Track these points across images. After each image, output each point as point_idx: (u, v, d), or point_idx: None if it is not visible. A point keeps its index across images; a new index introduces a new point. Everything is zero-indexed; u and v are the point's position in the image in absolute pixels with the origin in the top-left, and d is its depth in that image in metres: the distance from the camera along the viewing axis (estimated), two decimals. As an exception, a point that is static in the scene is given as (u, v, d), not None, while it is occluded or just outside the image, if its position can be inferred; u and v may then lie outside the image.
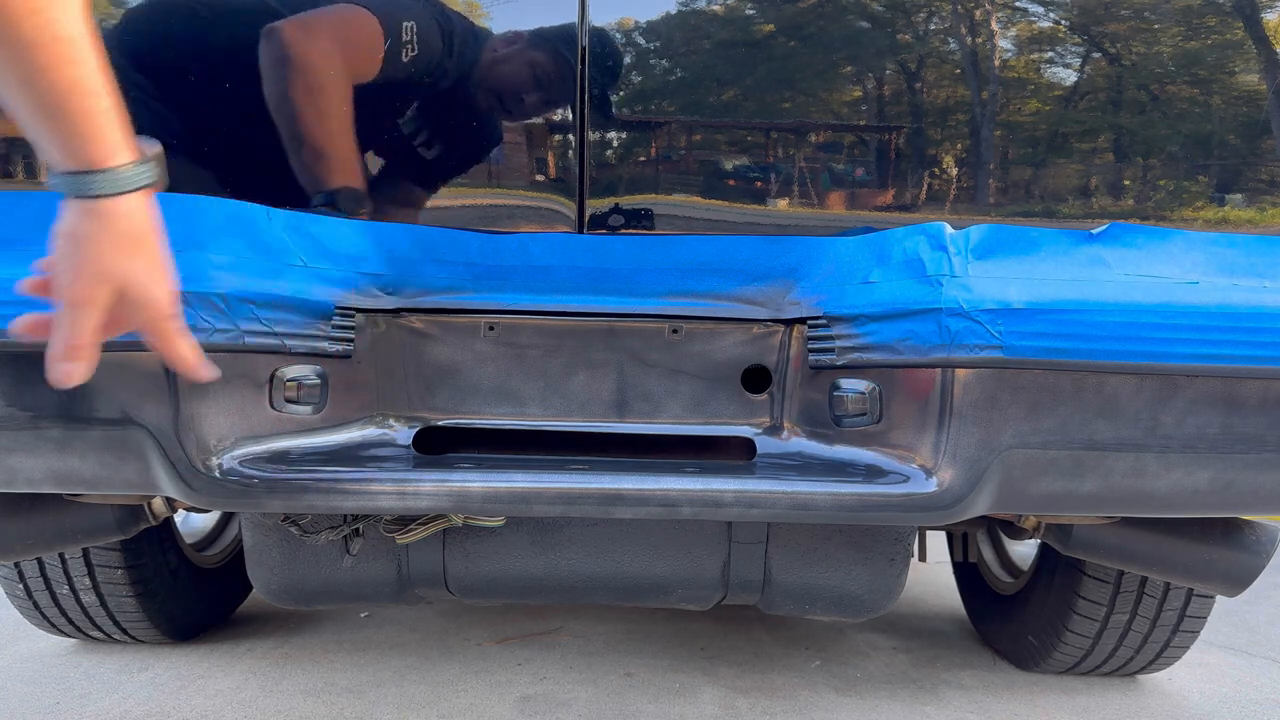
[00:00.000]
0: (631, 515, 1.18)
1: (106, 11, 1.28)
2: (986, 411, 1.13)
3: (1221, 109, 1.28)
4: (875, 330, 1.16)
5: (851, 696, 2.07)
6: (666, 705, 1.97)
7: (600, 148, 1.28)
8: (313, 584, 1.58)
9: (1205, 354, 1.10)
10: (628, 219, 1.29)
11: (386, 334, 1.26)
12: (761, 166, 1.31)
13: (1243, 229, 1.27)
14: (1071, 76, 1.30)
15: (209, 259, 1.09)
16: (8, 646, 2.31)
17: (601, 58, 1.24)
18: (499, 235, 1.27)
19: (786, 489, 1.17)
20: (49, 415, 1.11)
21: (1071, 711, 2.04)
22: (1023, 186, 1.31)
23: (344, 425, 1.23)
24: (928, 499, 1.16)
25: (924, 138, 1.30)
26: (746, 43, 1.29)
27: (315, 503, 1.15)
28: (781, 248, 1.26)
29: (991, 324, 1.09)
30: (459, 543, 1.56)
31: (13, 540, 1.52)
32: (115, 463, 1.14)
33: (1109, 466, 1.15)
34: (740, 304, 1.26)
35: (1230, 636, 2.64)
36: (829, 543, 1.56)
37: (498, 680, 2.09)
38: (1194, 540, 1.50)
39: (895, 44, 1.29)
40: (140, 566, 2.06)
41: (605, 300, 1.26)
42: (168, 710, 1.91)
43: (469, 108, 1.30)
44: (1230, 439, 1.14)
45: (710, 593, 1.62)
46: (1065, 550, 1.57)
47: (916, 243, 1.18)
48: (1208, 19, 1.30)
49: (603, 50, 1.24)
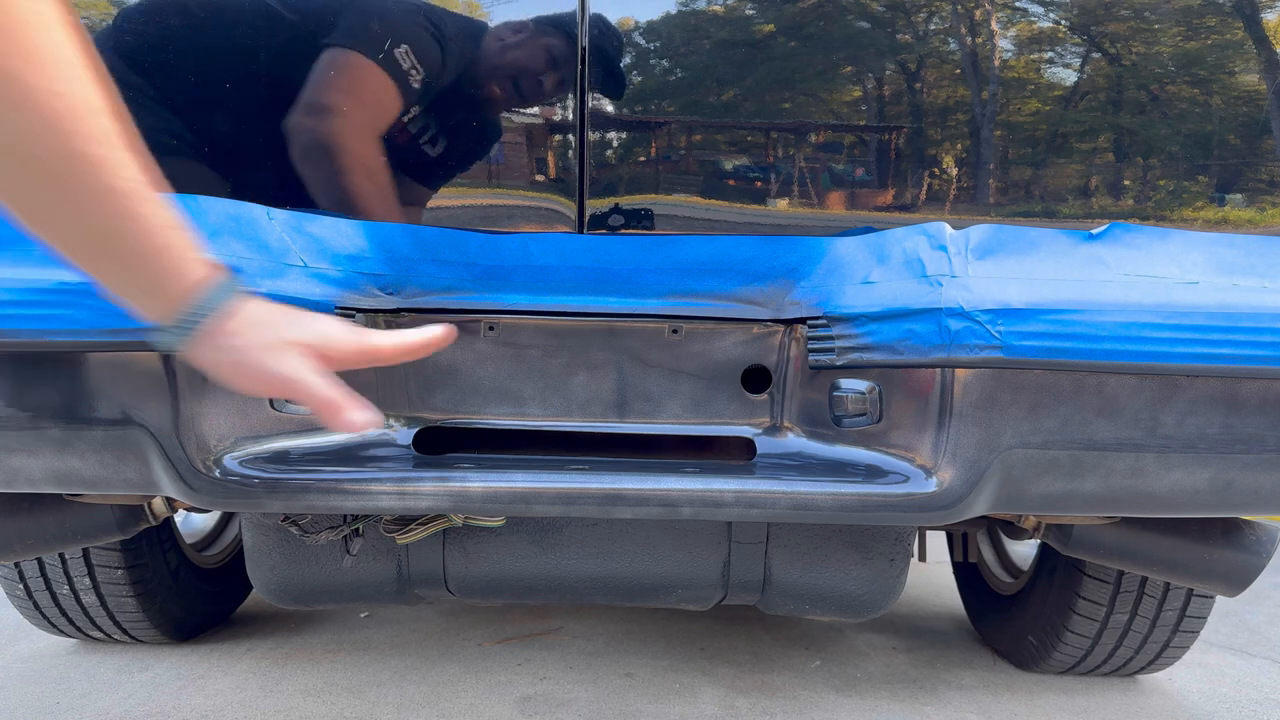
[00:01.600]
0: (631, 515, 1.18)
1: (105, 11, 1.28)
2: (986, 411, 1.13)
3: (1221, 109, 1.28)
4: (875, 330, 1.16)
5: (851, 696, 2.07)
6: (666, 705, 1.97)
7: (600, 148, 1.28)
8: (313, 584, 1.58)
9: (1205, 354, 1.10)
10: (628, 219, 1.29)
11: (386, 334, 1.26)
12: (761, 166, 1.31)
13: (1243, 229, 1.27)
14: (1071, 76, 1.30)
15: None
16: (8, 646, 2.31)
17: (601, 57, 1.24)
18: (499, 235, 1.27)
19: (786, 489, 1.17)
20: (49, 415, 1.11)
21: (1071, 711, 2.04)
22: (1023, 186, 1.31)
23: (344, 425, 1.23)
24: (928, 499, 1.16)
25: (924, 138, 1.30)
26: (746, 43, 1.29)
27: (315, 503, 1.15)
28: (781, 248, 1.26)
29: (991, 324, 1.09)
30: (459, 543, 1.56)
31: (13, 540, 1.52)
32: (115, 463, 1.14)
33: (1109, 466, 1.15)
34: (740, 304, 1.26)
35: (1230, 636, 2.64)
36: (829, 543, 1.56)
37: (498, 680, 2.09)
38: (1194, 540, 1.50)
39: (895, 44, 1.29)
40: (140, 566, 2.06)
41: (605, 300, 1.26)
42: (168, 710, 1.91)
43: (468, 107, 1.30)
44: (1230, 439, 1.14)
45: (710, 593, 1.62)
46: (1065, 550, 1.57)
47: (916, 243, 1.18)
48: (1208, 19, 1.30)
49: (603, 49, 1.24)
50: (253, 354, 0.89)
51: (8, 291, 1.05)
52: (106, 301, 0.93)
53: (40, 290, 1.05)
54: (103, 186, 0.76)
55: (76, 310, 1.05)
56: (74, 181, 0.75)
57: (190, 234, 0.85)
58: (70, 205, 0.77)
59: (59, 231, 0.80)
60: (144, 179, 0.79)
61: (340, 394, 0.90)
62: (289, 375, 0.89)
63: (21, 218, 0.78)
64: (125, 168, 0.77)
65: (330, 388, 0.90)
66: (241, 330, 0.88)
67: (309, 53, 1.23)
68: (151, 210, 0.80)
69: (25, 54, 0.70)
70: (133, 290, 0.85)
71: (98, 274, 0.84)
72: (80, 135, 0.74)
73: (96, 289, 0.86)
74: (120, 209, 0.78)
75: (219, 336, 0.88)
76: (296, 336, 0.91)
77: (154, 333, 0.88)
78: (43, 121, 0.72)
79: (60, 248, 0.82)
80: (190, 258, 0.85)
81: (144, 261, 0.82)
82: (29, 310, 1.05)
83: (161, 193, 0.81)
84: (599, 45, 1.23)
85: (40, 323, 1.05)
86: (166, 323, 0.87)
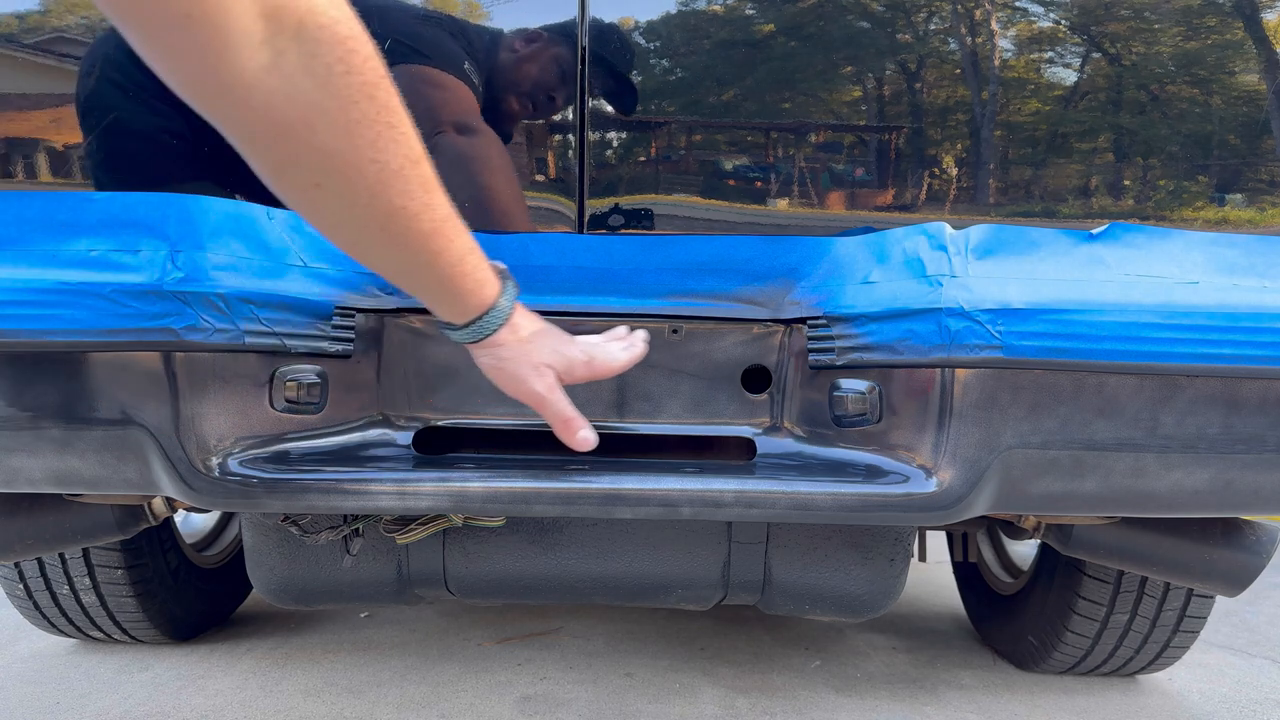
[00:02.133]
0: (631, 515, 1.18)
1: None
2: (986, 411, 1.13)
3: (1221, 109, 1.28)
4: (875, 330, 1.16)
5: (851, 696, 2.07)
6: (666, 705, 1.97)
7: (600, 148, 1.28)
8: (313, 584, 1.58)
9: (1205, 354, 1.10)
10: (628, 219, 1.29)
11: (386, 334, 1.26)
12: (761, 166, 1.31)
13: (1243, 229, 1.27)
14: (1071, 76, 1.30)
15: (209, 259, 1.09)
16: (8, 646, 2.31)
17: (601, 57, 1.24)
18: (499, 235, 1.27)
19: (786, 489, 1.17)
20: (49, 415, 1.11)
21: (1071, 711, 2.04)
22: (1023, 186, 1.31)
23: (344, 425, 1.23)
24: (928, 499, 1.16)
25: (924, 138, 1.30)
26: (746, 43, 1.29)
27: (315, 503, 1.15)
28: (781, 248, 1.26)
29: (991, 324, 1.09)
30: (459, 543, 1.56)
31: (13, 540, 1.52)
32: (115, 463, 1.14)
33: (1109, 466, 1.15)
34: (740, 304, 1.26)
35: (1230, 636, 2.64)
36: (829, 543, 1.56)
37: (498, 680, 2.09)
38: (1194, 540, 1.50)
39: (895, 44, 1.29)
40: (140, 566, 2.06)
41: (605, 300, 1.26)
42: (168, 710, 1.91)
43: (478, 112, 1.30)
44: (1230, 439, 1.14)
45: (710, 593, 1.62)
46: (1065, 550, 1.57)
47: (916, 243, 1.18)
48: (1208, 19, 1.30)
49: (603, 49, 1.24)
50: (517, 366, 1.06)
51: (8, 291, 1.05)
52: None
53: (40, 290, 1.05)
54: (414, 231, 0.85)
55: (76, 310, 1.05)
56: (390, 228, 0.84)
57: (482, 255, 0.97)
58: (385, 246, 0.87)
59: (376, 263, 0.93)
60: (448, 214, 0.88)
61: (576, 414, 1.09)
62: (540, 393, 1.07)
63: (345, 250, 0.91)
64: (432, 210, 0.86)
65: (570, 407, 1.09)
66: (510, 343, 1.04)
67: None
68: (452, 243, 0.90)
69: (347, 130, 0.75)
70: (436, 303, 0.99)
71: (409, 290, 0.98)
72: (395, 191, 0.81)
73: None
74: (428, 247, 0.88)
75: (494, 346, 1.04)
76: (550, 360, 1.07)
77: (446, 328, 1.03)
78: (365, 185, 0.79)
79: (376, 271, 0.96)
80: (484, 279, 0.98)
81: (445, 285, 0.95)
82: (29, 310, 1.05)
83: (458, 220, 0.90)
84: (600, 49, 1.23)
85: (40, 323, 1.05)
86: (459, 324, 1.01)
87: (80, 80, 1.21)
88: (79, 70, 1.21)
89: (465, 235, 0.92)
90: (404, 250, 0.88)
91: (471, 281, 0.96)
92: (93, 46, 1.24)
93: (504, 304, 1.02)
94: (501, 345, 1.04)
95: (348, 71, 0.72)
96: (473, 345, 1.05)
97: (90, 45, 1.24)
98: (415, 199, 0.83)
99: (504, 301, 1.02)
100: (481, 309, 1.00)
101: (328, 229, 0.86)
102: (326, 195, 0.80)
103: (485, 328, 1.02)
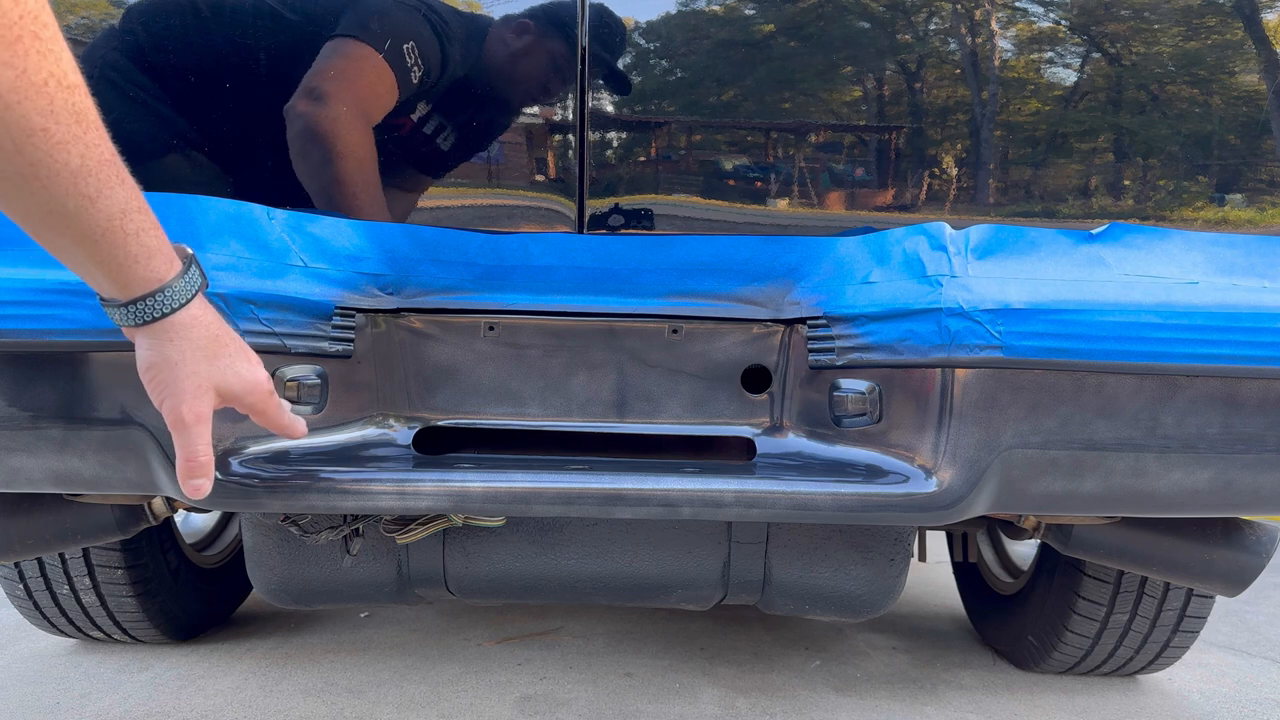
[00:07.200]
0: (631, 515, 1.18)
1: (106, 11, 1.28)
2: (986, 411, 1.13)
3: (1221, 109, 1.28)
4: (875, 330, 1.16)
5: (851, 696, 2.07)
6: (666, 705, 1.97)
7: (600, 148, 1.28)
8: (313, 584, 1.58)
9: (1205, 354, 1.10)
10: (628, 219, 1.29)
11: (386, 334, 1.26)
12: (761, 166, 1.31)
13: (1243, 229, 1.27)
14: (1071, 76, 1.30)
15: (209, 259, 1.09)
16: (8, 646, 2.31)
17: (601, 56, 1.24)
18: (499, 235, 1.27)
19: (786, 489, 1.17)
20: (49, 415, 1.11)
21: (1071, 711, 2.04)
22: (1023, 186, 1.31)
23: (344, 425, 1.23)
24: (928, 499, 1.16)
25: (924, 138, 1.30)
26: (746, 43, 1.29)
27: (315, 503, 1.15)
28: (781, 248, 1.26)
29: (991, 324, 1.09)
30: (459, 543, 1.56)
31: (13, 540, 1.52)
32: (115, 463, 1.14)
33: (1109, 466, 1.15)
34: (740, 304, 1.26)
35: (1230, 636, 2.64)
36: (829, 543, 1.56)
37: (498, 680, 2.09)
38: (1194, 540, 1.50)
39: (895, 44, 1.29)
40: (140, 566, 2.06)
41: (605, 300, 1.26)
42: (168, 710, 1.91)
43: (468, 106, 1.30)
44: (1230, 439, 1.14)
45: (710, 593, 1.62)
46: (1065, 550, 1.57)
47: (916, 243, 1.18)
48: (1208, 19, 1.30)
49: (602, 49, 1.24)
50: (177, 374, 0.90)
51: (8, 291, 1.05)
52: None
53: (40, 290, 1.05)
54: (58, 161, 0.73)
55: (76, 310, 1.05)
56: (28, 151, 0.72)
57: (155, 222, 0.84)
58: (21, 176, 0.73)
59: (12, 202, 0.77)
60: (110, 159, 0.77)
61: (208, 458, 0.93)
62: (184, 418, 0.90)
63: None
64: (85, 144, 0.75)
65: (207, 447, 0.92)
66: (180, 341, 0.89)
67: (311, 52, 1.23)
68: (110, 190, 0.78)
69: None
70: (89, 266, 0.83)
71: (52, 250, 0.82)
72: (36, 108, 0.70)
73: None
74: (76, 187, 0.75)
75: (159, 337, 0.88)
76: (225, 380, 0.93)
77: (107, 305, 0.88)
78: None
79: (13, 217, 0.79)
80: (154, 248, 0.84)
81: (98, 244, 0.80)
82: (29, 310, 1.05)
83: (124, 171, 0.79)
84: (599, 43, 1.23)
85: (40, 323, 1.05)
86: (121, 299, 0.86)
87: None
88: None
89: (133, 190, 0.80)
90: (46, 184, 0.74)
91: (136, 245, 0.82)
92: (92, 47, 1.24)
93: (180, 287, 0.87)
94: (170, 340, 0.88)
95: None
96: (137, 331, 0.89)
97: (90, 45, 1.24)
98: (62, 124, 0.72)
99: (181, 284, 0.87)
100: (148, 286, 0.85)
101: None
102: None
103: (150, 310, 0.86)
